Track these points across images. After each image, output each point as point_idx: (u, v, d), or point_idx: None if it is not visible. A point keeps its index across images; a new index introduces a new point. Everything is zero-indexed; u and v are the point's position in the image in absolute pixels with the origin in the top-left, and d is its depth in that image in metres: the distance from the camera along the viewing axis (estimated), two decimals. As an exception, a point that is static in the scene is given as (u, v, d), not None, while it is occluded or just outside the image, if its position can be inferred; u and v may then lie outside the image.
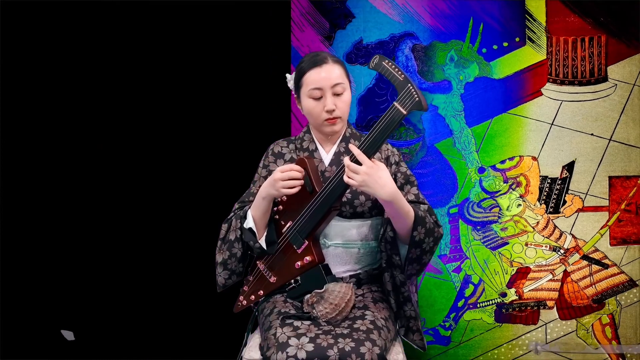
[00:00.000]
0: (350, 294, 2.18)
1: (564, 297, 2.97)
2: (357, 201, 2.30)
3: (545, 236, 2.96)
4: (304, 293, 2.22)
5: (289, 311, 2.22)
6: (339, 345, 2.04)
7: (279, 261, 2.30)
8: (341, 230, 2.32)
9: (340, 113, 2.29)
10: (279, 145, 2.44)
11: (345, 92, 2.29)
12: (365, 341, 2.06)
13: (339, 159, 2.33)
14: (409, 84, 2.05)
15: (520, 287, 2.97)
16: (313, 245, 2.23)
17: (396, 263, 2.26)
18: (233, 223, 2.34)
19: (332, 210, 2.21)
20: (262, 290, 2.34)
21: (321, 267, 2.23)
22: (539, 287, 2.97)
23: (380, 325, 2.16)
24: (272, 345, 2.07)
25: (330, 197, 2.18)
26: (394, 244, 2.24)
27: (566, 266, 2.96)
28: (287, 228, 2.27)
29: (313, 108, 2.29)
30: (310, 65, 2.30)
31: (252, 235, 2.29)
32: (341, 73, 2.30)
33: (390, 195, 2.09)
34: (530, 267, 2.98)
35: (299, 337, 2.06)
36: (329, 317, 2.14)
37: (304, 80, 2.30)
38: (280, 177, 2.18)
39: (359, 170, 2.07)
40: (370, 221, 2.34)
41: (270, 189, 2.22)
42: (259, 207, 2.26)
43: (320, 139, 2.39)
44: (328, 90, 2.26)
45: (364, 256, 2.36)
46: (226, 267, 2.35)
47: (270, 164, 2.40)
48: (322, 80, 2.27)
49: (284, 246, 2.28)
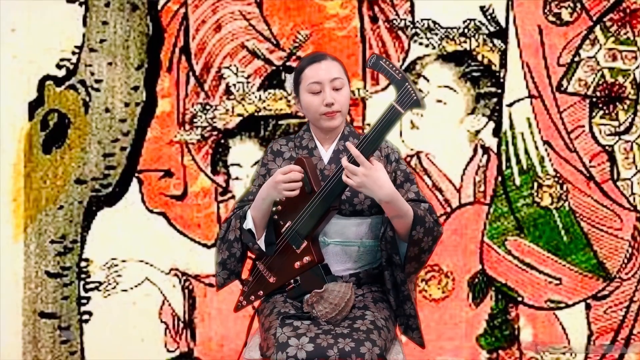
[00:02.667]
0: (350, 293, 2.22)
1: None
2: (356, 199, 2.36)
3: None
4: (304, 293, 2.27)
5: (288, 311, 2.26)
6: (339, 345, 2.08)
7: (278, 261, 2.34)
8: (340, 228, 2.36)
9: (339, 107, 2.35)
10: (278, 143, 2.50)
11: (344, 87, 2.38)
12: (365, 341, 2.10)
13: (338, 157, 2.37)
14: (407, 83, 2.11)
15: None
16: (312, 245, 2.27)
17: (396, 262, 2.31)
18: (232, 223, 2.40)
19: (331, 210, 2.25)
20: (262, 291, 2.38)
21: (321, 267, 2.27)
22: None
23: (380, 325, 2.20)
24: (272, 345, 2.12)
25: (329, 196, 2.23)
26: (393, 243, 2.29)
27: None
28: (286, 228, 2.30)
29: (311, 102, 2.36)
30: (309, 62, 2.40)
31: (252, 236, 2.34)
32: (340, 69, 2.39)
33: (388, 195, 2.15)
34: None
35: (299, 337, 2.11)
36: (329, 317, 2.18)
37: (303, 76, 2.39)
38: (282, 179, 2.23)
39: (357, 172, 2.14)
40: (369, 219, 2.38)
41: (271, 190, 2.27)
42: (259, 208, 2.31)
43: (320, 137, 2.45)
44: (327, 84, 2.34)
45: (364, 255, 2.39)
46: (225, 267, 2.41)
47: (269, 162, 2.47)
48: (321, 73, 2.35)
49: (283, 246, 2.33)
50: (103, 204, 3.32)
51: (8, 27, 3.30)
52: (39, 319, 3.31)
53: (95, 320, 3.34)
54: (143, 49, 3.31)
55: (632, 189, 3.17)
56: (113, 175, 3.33)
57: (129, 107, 3.31)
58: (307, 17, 3.28)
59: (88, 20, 3.31)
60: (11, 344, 3.33)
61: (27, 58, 3.31)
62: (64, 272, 3.35)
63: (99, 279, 3.33)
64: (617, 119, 3.17)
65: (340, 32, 3.26)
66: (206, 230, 3.35)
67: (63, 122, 3.34)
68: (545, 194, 3.16)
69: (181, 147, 3.35)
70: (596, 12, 3.19)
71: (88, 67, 3.33)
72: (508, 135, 3.24)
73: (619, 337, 3.19)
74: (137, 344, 3.34)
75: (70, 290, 3.34)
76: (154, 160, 3.35)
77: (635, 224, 3.16)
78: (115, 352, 3.36)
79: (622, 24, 3.20)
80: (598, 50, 3.20)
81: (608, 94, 3.16)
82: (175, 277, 3.36)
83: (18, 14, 3.31)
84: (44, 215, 3.31)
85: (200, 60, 3.36)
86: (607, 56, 3.20)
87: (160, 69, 3.35)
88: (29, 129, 3.32)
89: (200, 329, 3.34)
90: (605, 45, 3.19)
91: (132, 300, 3.34)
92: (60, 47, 3.32)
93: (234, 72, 3.32)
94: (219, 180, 3.35)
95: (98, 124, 3.31)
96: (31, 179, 3.30)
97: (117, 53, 3.32)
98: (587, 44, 3.21)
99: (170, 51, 3.35)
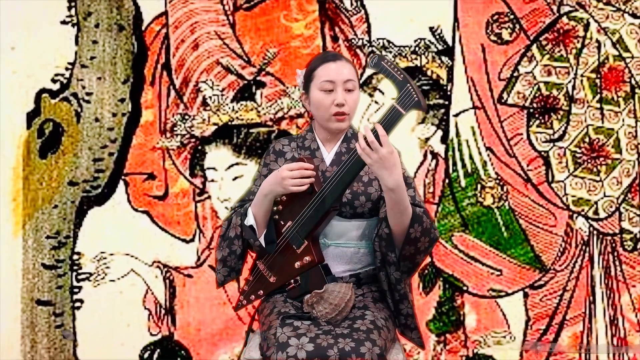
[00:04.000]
0: (350, 294, 2.15)
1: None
2: (357, 202, 2.26)
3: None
4: (304, 293, 2.19)
5: (289, 311, 2.18)
6: (339, 345, 2.01)
7: (278, 261, 2.26)
8: (341, 230, 2.28)
9: (349, 110, 2.24)
10: (280, 143, 2.39)
11: (356, 90, 2.26)
12: (365, 341, 2.03)
13: (341, 159, 2.27)
14: (408, 84, 2.01)
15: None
16: (313, 245, 2.19)
17: (391, 260, 2.20)
18: (233, 220, 2.31)
19: (331, 211, 2.18)
20: (262, 290, 2.31)
21: (321, 267, 2.20)
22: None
23: (380, 325, 2.13)
24: (272, 345, 2.04)
25: (330, 197, 2.14)
26: (389, 240, 2.17)
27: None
28: (287, 228, 2.22)
29: (322, 100, 2.24)
30: (324, 60, 2.28)
31: (253, 232, 2.25)
32: (353, 72, 2.27)
33: (395, 182, 2.03)
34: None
35: (299, 337, 2.03)
36: (329, 318, 2.11)
37: (316, 73, 2.26)
38: (290, 174, 2.14)
39: (379, 150, 2.01)
40: (370, 222, 2.29)
41: (275, 186, 2.18)
42: (261, 204, 2.22)
43: (323, 138, 2.34)
44: (340, 84, 2.22)
45: (364, 256, 2.31)
46: (225, 264, 2.32)
47: (271, 162, 2.35)
48: (335, 73, 2.23)
49: (283, 246, 2.24)
50: (93, 204, 3.30)
51: (8, 45, 3.29)
52: (36, 306, 3.30)
53: (86, 307, 3.32)
54: (129, 65, 3.30)
55: (565, 190, 3.22)
56: (102, 178, 3.30)
57: (116, 117, 3.29)
58: (275, 36, 3.29)
59: (80, 40, 3.29)
60: (11, 328, 3.31)
61: (25, 73, 3.30)
62: (58, 264, 3.31)
63: (89, 271, 3.32)
64: (551, 127, 3.22)
65: (304, 50, 3.29)
66: (185, 227, 3.33)
67: (57, 131, 3.29)
68: (487, 194, 3.22)
69: (163, 153, 3.31)
70: (533, 33, 3.24)
71: (80, 81, 3.29)
72: (454, 142, 3.25)
73: (554, 322, 3.25)
74: (123, 328, 3.34)
75: (64, 281, 3.32)
76: (139, 165, 3.34)
77: (567, 221, 3.22)
78: (104, 335, 3.33)
79: (556, 43, 3.25)
80: (535, 66, 3.25)
81: (544, 106, 3.21)
82: (157, 268, 3.34)
83: (17, 34, 3.30)
84: (40, 214, 3.28)
85: (180, 75, 3.33)
86: (543, 71, 3.25)
87: (144, 83, 3.32)
88: (27, 137, 3.30)
89: (180, 315, 3.32)
90: (541, 62, 3.25)
91: (118, 289, 3.32)
92: (55, 64, 3.31)
93: (210, 85, 3.30)
94: (196, 182, 3.32)
95: (88, 132, 3.28)
96: (29, 181, 3.28)
97: (105, 69, 3.29)
98: (525, 60, 3.25)
99: (153, 67, 3.32)
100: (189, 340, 3.31)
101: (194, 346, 3.30)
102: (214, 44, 3.30)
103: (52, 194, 3.29)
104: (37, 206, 3.29)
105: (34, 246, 3.30)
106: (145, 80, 3.31)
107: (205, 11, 3.30)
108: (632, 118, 3.23)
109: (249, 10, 3.28)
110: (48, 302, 3.30)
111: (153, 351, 3.31)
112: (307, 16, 3.28)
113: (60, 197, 3.28)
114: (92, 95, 3.28)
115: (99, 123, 3.28)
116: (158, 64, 3.32)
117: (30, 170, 3.27)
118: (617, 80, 3.24)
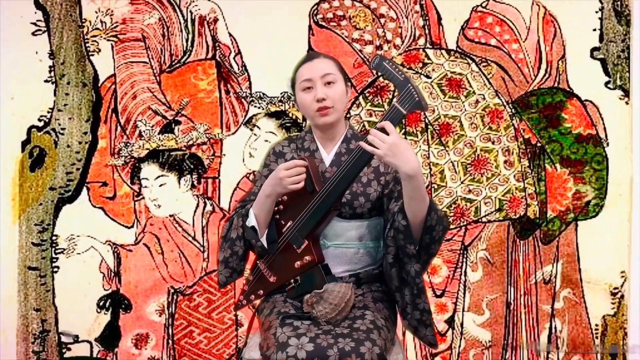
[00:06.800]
0: (350, 294, 2.06)
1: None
2: (356, 202, 2.17)
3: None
4: (304, 293, 2.09)
5: (289, 311, 2.08)
6: (339, 345, 1.91)
7: (279, 261, 2.17)
8: (340, 230, 2.20)
9: (332, 102, 2.11)
10: (280, 145, 2.29)
11: (337, 83, 2.13)
12: (365, 341, 1.93)
13: (340, 159, 2.15)
14: (409, 84, 1.92)
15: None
16: (313, 245, 2.12)
17: (410, 253, 2.02)
18: (235, 221, 2.20)
19: (332, 210, 2.10)
20: (262, 290, 2.22)
21: (321, 267, 2.11)
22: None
23: (380, 325, 2.03)
24: (272, 345, 1.95)
25: (331, 197, 2.06)
26: (407, 232, 1.99)
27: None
28: (287, 228, 2.14)
29: (304, 99, 2.14)
30: (301, 63, 2.20)
31: (254, 233, 2.14)
32: (332, 66, 2.15)
33: (414, 169, 1.87)
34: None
35: (299, 337, 1.93)
36: (329, 317, 2.02)
37: (296, 77, 2.18)
38: (287, 174, 2.04)
39: (386, 140, 1.89)
40: (369, 222, 2.21)
41: (275, 186, 2.08)
42: (262, 205, 2.12)
43: (322, 139, 2.23)
44: (318, 80, 2.12)
45: (363, 256, 2.23)
46: (227, 265, 2.22)
47: (272, 163, 2.26)
48: (310, 71, 2.14)
49: (284, 246, 2.16)
50: (66, 202, 3.76)
51: (9, 95, 3.75)
52: (28, 271, 3.76)
53: (61, 271, 3.78)
54: (90, 110, 3.74)
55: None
56: (72, 185, 3.76)
57: (81, 145, 3.74)
58: (188, 90, 3.74)
59: (57, 92, 3.73)
60: (10, 286, 3.77)
61: (20, 115, 3.76)
62: (43, 243, 3.77)
63: (63, 247, 3.78)
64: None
65: (207, 99, 3.74)
66: (127, 218, 3.80)
67: (42, 154, 3.74)
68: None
69: (112, 168, 3.78)
70: (360, 87, 3.69)
71: (57, 120, 3.74)
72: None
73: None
74: (85, 285, 3.84)
75: (47, 254, 3.77)
76: (96, 176, 3.78)
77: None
78: (73, 290, 3.81)
79: (375, 95, 3.68)
80: (361, 110, 3.68)
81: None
82: (109, 245, 3.80)
83: (15, 88, 3.76)
84: (31, 209, 3.75)
85: (124, 116, 3.77)
86: (367, 114, 3.66)
87: (100, 121, 3.75)
88: (21, 157, 3.75)
89: (124, 276, 3.78)
90: (365, 107, 3.67)
91: (83, 259, 3.80)
92: (40, 109, 3.75)
93: (144, 123, 3.75)
94: (135, 188, 3.80)
95: (63, 155, 3.74)
96: (23, 187, 3.74)
97: (74, 112, 3.73)
98: (354, 107, 3.67)
99: (106, 111, 3.76)
100: (130, 293, 3.79)
101: (133, 297, 3.80)
102: (147, 95, 3.74)
103: (39, 196, 3.75)
104: (29, 204, 3.75)
105: (26, 230, 3.76)
106: (100, 120, 3.75)
107: (141, 73, 3.76)
108: (426, 145, 3.61)
109: (170, 72, 3.77)
110: (36, 268, 3.76)
111: (106, 301, 3.79)
112: (209, 76, 3.74)
113: (44, 198, 3.74)
114: (65, 130, 3.74)
115: (69, 148, 3.74)
116: (109, 109, 3.77)
117: (23, 180, 3.74)
118: (415, 119, 3.66)
